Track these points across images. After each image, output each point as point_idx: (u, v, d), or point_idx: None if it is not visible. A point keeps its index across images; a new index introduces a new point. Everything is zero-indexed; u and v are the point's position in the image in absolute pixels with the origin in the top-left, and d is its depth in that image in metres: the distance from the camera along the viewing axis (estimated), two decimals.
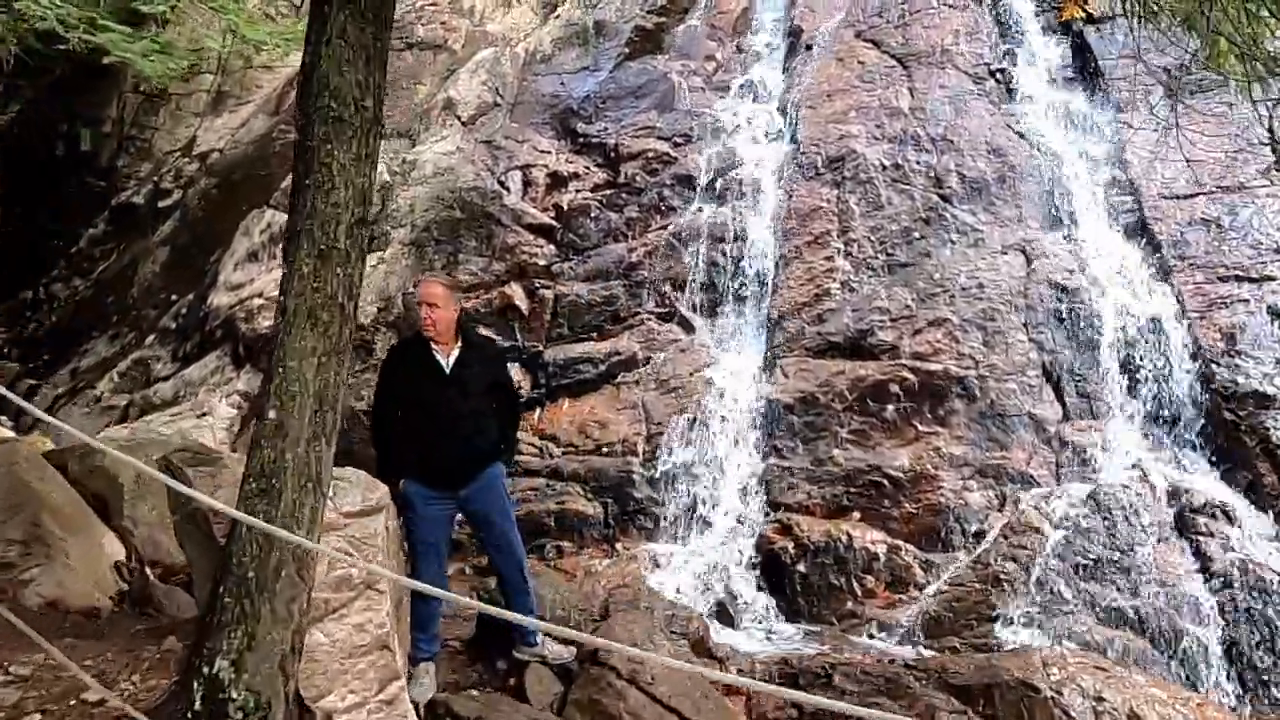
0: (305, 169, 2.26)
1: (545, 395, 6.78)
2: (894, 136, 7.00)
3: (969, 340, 5.78)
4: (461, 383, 3.55)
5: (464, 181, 8.13)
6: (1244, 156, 5.89)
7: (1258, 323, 5.17)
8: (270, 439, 2.08)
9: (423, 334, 3.59)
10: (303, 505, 2.08)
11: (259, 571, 2.01)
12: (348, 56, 2.31)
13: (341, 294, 2.20)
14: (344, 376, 2.20)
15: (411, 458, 3.46)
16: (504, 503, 3.69)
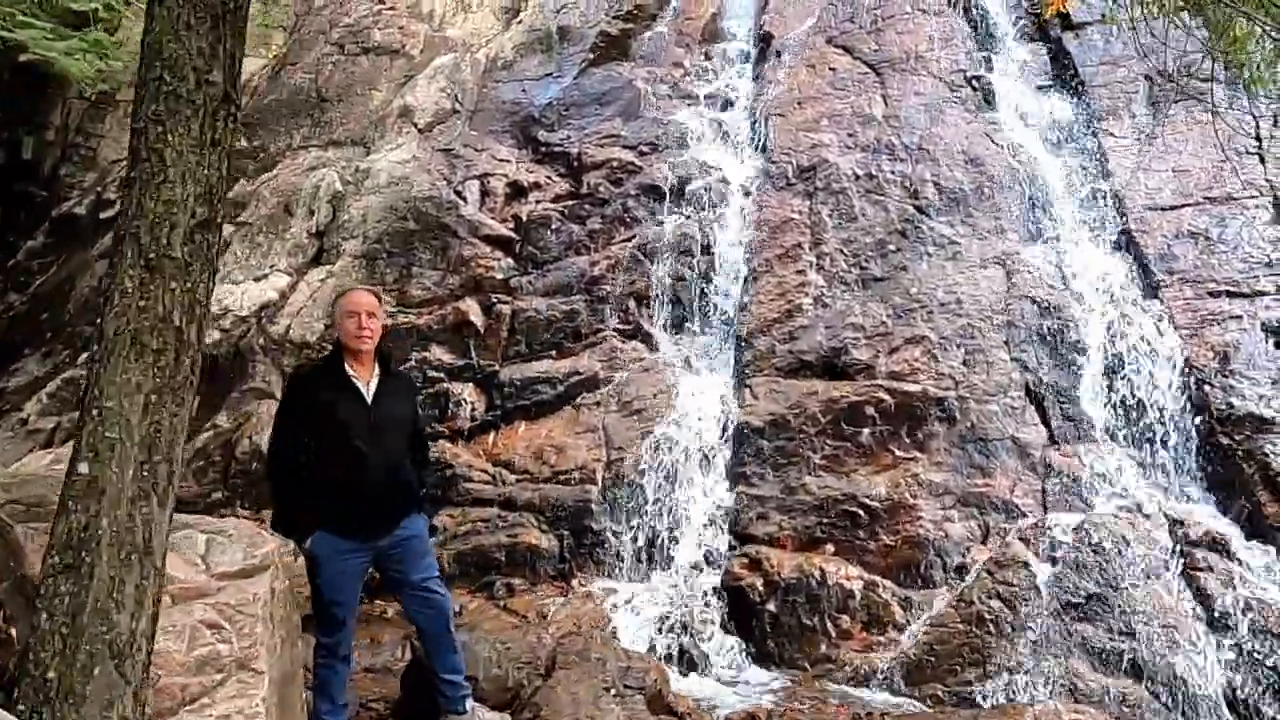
0: (133, 158, 1.84)
1: (501, 418, 6.36)
2: (867, 145, 6.69)
3: (948, 359, 5.45)
4: (385, 415, 3.12)
5: (419, 191, 7.71)
6: (1230, 166, 5.62)
7: (1251, 340, 4.88)
8: (81, 499, 1.65)
9: (335, 359, 3.15)
10: (124, 583, 1.64)
11: (62, 672, 1.58)
12: (187, 19, 1.85)
13: (178, 315, 1.77)
14: (184, 420, 1.78)
15: (326, 504, 3.00)
16: (429, 552, 3.26)
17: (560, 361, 6.54)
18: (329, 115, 8.97)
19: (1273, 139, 5.61)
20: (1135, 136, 6.02)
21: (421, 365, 6.74)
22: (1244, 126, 5.76)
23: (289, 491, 3.07)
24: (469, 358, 6.75)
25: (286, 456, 3.10)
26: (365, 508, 3.03)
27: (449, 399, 6.48)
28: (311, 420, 3.06)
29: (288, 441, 3.08)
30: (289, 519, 2.99)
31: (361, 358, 3.13)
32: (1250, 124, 5.74)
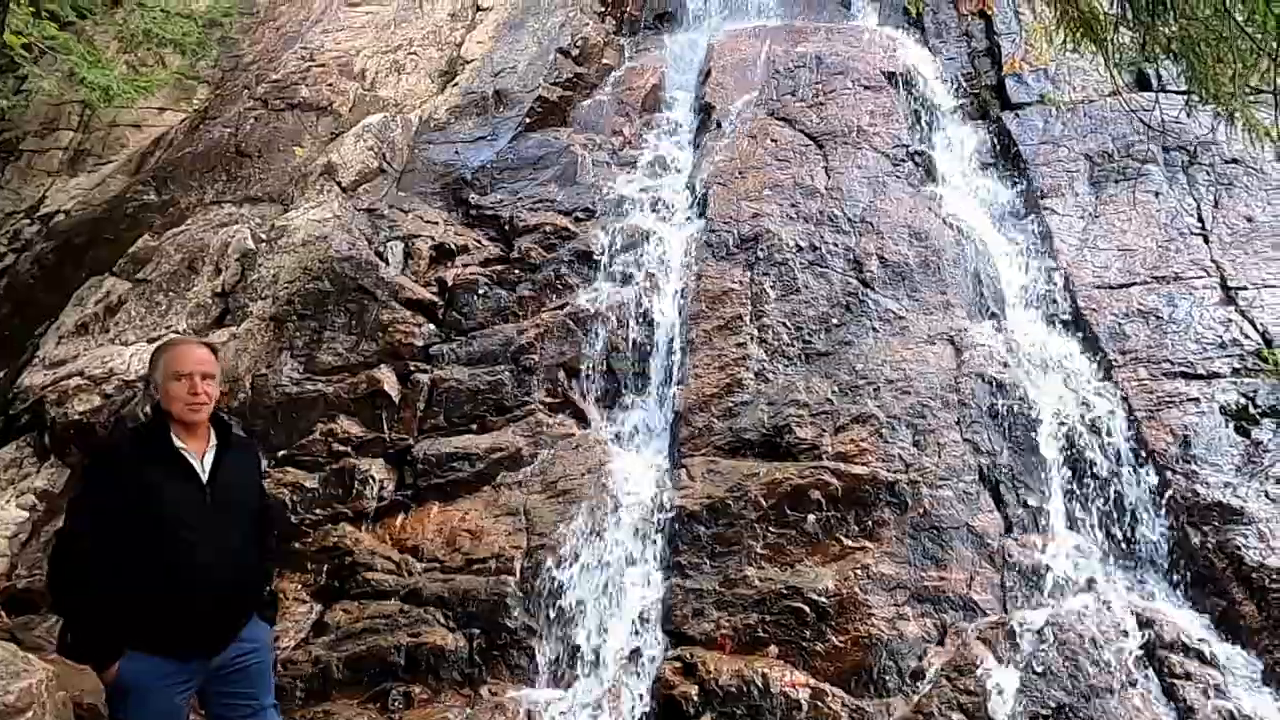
0: None
1: (412, 498, 5.73)
2: (810, 216, 6.47)
3: (897, 439, 5.09)
4: (225, 496, 2.52)
5: (337, 251, 7.19)
6: (1175, 246, 5.53)
7: (1210, 424, 4.65)
8: None
9: (158, 428, 2.55)
10: None
11: None
12: None
13: None
14: None
15: (142, 615, 2.35)
16: (270, 673, 2.63)
17: (481, 436, 5.98)
18: (247, 171, 8.46)
19: (1214, 220, 5.53)
20: (1079, 215, 5.92)
21: (327, 438, 6.11)
22: (1186, 208, 5.70)
23: (90, 602, 2.37)
24: (380, 431, 6.15)
25: (86, 554, 2.41)
26: (197, 617, 2.39)
27: (354, 476, 5.84)
28: (126, 506, 2.41)
29: (87, 532, 2.42)
30: (87, 636, 2.31)
31: (194, 426, 2.54)
32: (1192, 205, 5.68)
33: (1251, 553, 4.09)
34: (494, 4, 9.75)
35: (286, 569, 5.46)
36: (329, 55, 9.41)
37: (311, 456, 6.04)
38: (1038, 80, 6.80)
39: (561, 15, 9.30)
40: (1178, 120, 6.07)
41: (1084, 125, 6.37)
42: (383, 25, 9.80)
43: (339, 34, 9.81)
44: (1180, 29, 2.94)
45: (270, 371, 6.58)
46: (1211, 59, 3.00)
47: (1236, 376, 4.77)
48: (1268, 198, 5.53)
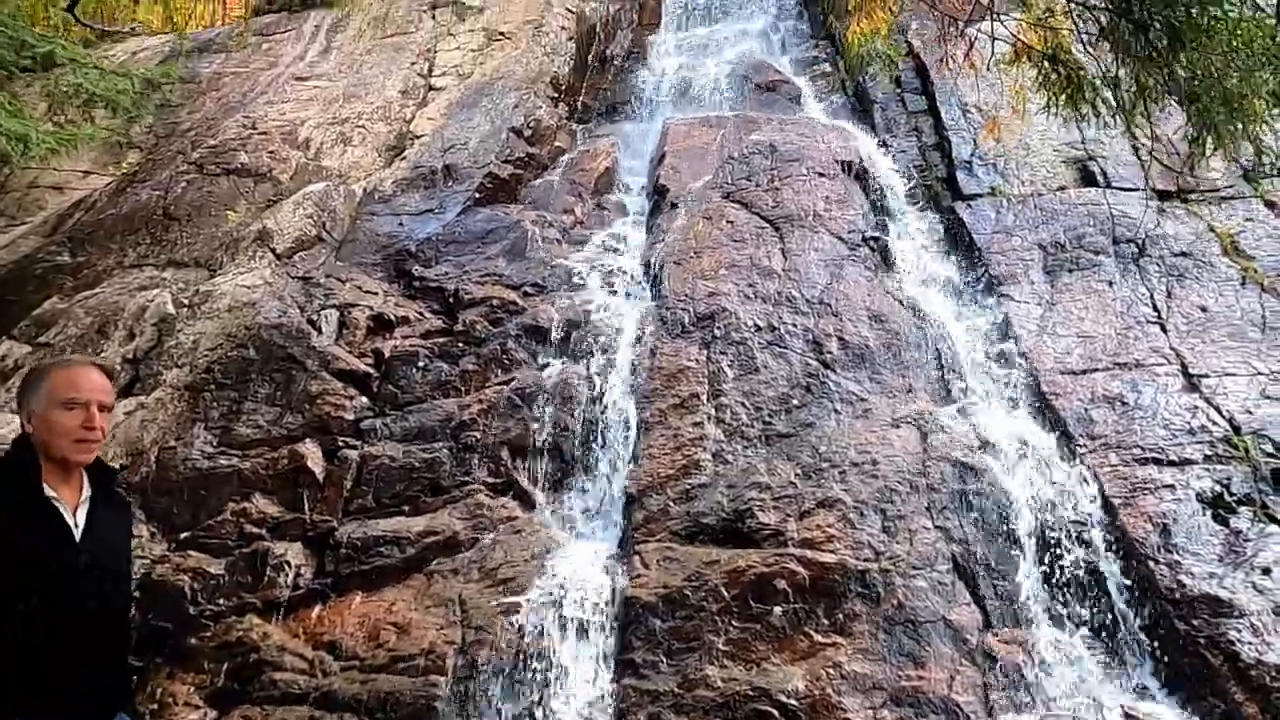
0: None
1: (331, 586, 5.12)
2: (768, 296, 6.31)
3: (866, 525, 4.77)
4: (101, 557, 2.03)
5: (265, 318, 6.71)
6: (1134, 334, 5.51)
7: (1188, 512, 4.47)
8: None
9: (26, 472, 2.06)
10: None
11: None
12: None
13: None
14: None
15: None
16: None
17: (414, 519, 5.45)
18: (174, 234, 7.98)
19: (1169, 310, 5.56)
20: (1036, 302, 5.90)
21: (238, 519, 5.49)
22: (1140, 297, 5.72)
23: None
24: (301, 511, 5.56)
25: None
26: (63, 700, 1.87)
27: (267, 561, 5.21)
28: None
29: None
30: None
31: (71, 471, 2.06)
32: (1145, 295, 5.72)
33: (1247, 648, 3.84)
34: (447, 84, 9.70)
35: (178, 668, 4.76)
36: (272, 124, 9.15)
37: (219, 539, 5.40)
38: (987, 173, 6.93)
39: (515, 97, 9.28)
40: (1125, 214, 6.20)
41: (1035, 217, 6.47)
42: (331, 99, 9.63)
43: (285, 105, 9.59)
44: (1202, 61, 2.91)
45: (180, 444, 5.97)
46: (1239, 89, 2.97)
47: (1209, 463, 4.65)
48: (1219, 289, 5.60)
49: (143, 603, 4.91)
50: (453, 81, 9.70)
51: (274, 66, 10.46)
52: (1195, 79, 2.98)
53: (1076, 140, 6.90)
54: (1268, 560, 4.16)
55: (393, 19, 10.84)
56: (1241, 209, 6.17)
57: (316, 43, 10.72)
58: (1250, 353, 5.22)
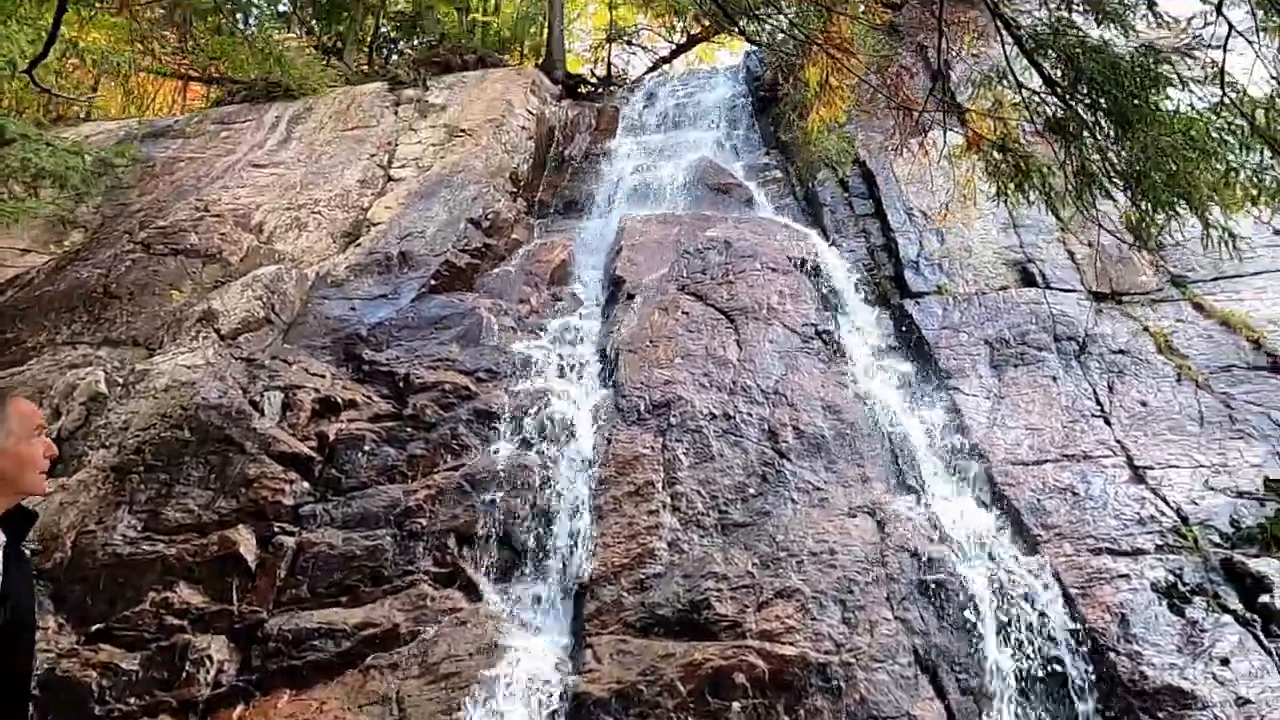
0: None
1: (257, 683, 4.74)
2: (723, 386, 6.32)
3: (826, 616, 4.64)
4: (16, 616, 1.80)
5: (204, 398, 6.46)
6: (1080, 427, 5.63)
7: (1144, 601, 4.46)
8: None
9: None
10: None
11: None
12: None
13: None
14: None
15: None
16: None
17: (351, 610, 5.14)
18: (113, 313, 7.74)
19: (1112, 404, 5.71)
20: (985, 395, 6.02)
21: (158, 609, 5.11)
22: (1083, 392, 5.88)
23: None
24: (228, 602, 5.21)
25: None
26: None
27: (187, 656, 4.82)
28: None
29: None
30: None
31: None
32: (1088, 390, 5.88)
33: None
34: (406, 175, 9.81)
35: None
36: (226, 207, 9.09)
37: (135, 631, 5.00)
38: (933, 272, 7.19)
39: (474, 190, 9.42)
40: (1064, 313, 6.45)
41: (980, 314, 6.68)
42: (288, 185, 9.65)
43: (240, 189, 9.57)
44: (1150, 140, 3.07)
45: (100, 529, 5.60)
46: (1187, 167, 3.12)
47: (1161, 553, 4.68)
48: (1157, 385, 5.80)
49: (42, 700, 4.47)
50: (412, 173, 9.83)
51: (231, 153, 10.48)
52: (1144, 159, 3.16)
53: (1015, 244, 7.24)
54: (1225, 650, 4.15)
55: (356, 113, 11.03)
56: (1172, 311, 6.47)
57: (277, 132, 10.82)
58: (1191, 446, 5.36)
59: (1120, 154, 3.23)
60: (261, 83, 11.68)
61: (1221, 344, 6.10)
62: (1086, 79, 3.03)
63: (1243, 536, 4.74)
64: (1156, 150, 3.01)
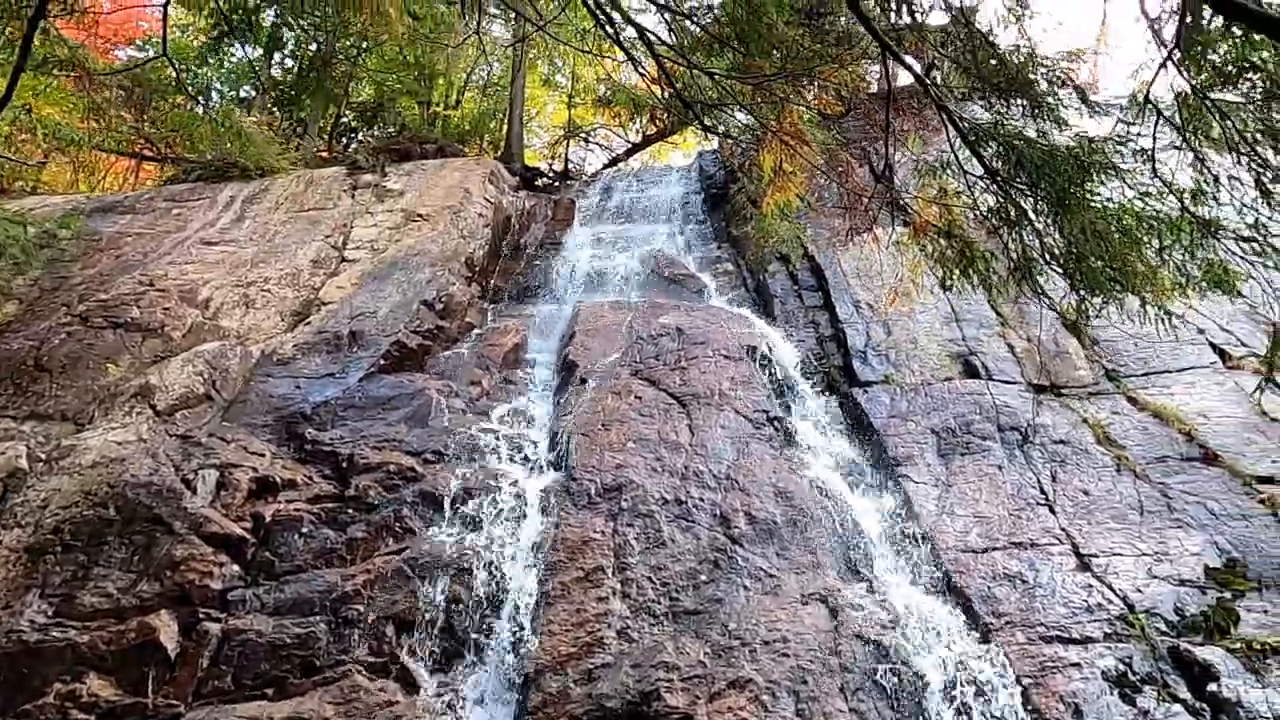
0: None
1: None
2: (675, 470, 6.28)
3: (780, 708, 4.49)
4: None
5: (133, 475, 6.17)
6: (1026, 515, 5.69)
7: (1095, 691, 4.43)
8: None
9: None
10: None
11: None
12: None
13: None
14: None
15: None
16: None
17: (278, 704, 4.81)
18: (42, 386, 7.42)
19: (1055, 493, 5.81)
20: (933, 483, 6.07)
21: (63, 703, 4.72)
22: (1027, 481, 5.98)
23: None
24: (142, 695, 4.84)
25: None
26: None
27: None
28: None
29: None
30: None
31: None
32: (1032, 479, 5.98)
33: None
34: (361, 256, 9.80)
35: None
36: (172, 283, 8.92)
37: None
38: (881, 363, 7.35)
39: (429, 273, 9.43)
40: (1007, 404, 6.62)
41: (926, 403, 6.82)
42: (238, 263, 9.54)
43: (188, 265, 9.42)
44: (1086, 224, 3.22)
45: (6, 614, 5.21)
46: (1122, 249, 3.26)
47: (1110, 641, 4.68)
48: (1098, 475, 5.93)
49: None
50: (366, 255, 9.82)
51: (182, 230, 10.37)
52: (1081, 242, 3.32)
53: (958, 337, 7.47)
54: None
55: (313, 194, 11.07)
56: (1108, 404, 6.70)
57: (231, 210, 10.77)
58: (1133, 534, 5.45)
59: (1057, 239, 3.41)
60: (218, 162, 11.70)
61: (1156, 435, 6.30)
62: (1025, 167, 3.23)
63: (1188, 624, 4.78)
64: (1092, 234, 3.18)
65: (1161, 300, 3.46)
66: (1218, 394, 6.70)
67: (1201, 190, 3.38)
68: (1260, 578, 5.08)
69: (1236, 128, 3.07)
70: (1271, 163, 3.18)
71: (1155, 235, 3.30)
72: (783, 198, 4.15)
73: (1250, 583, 5.05)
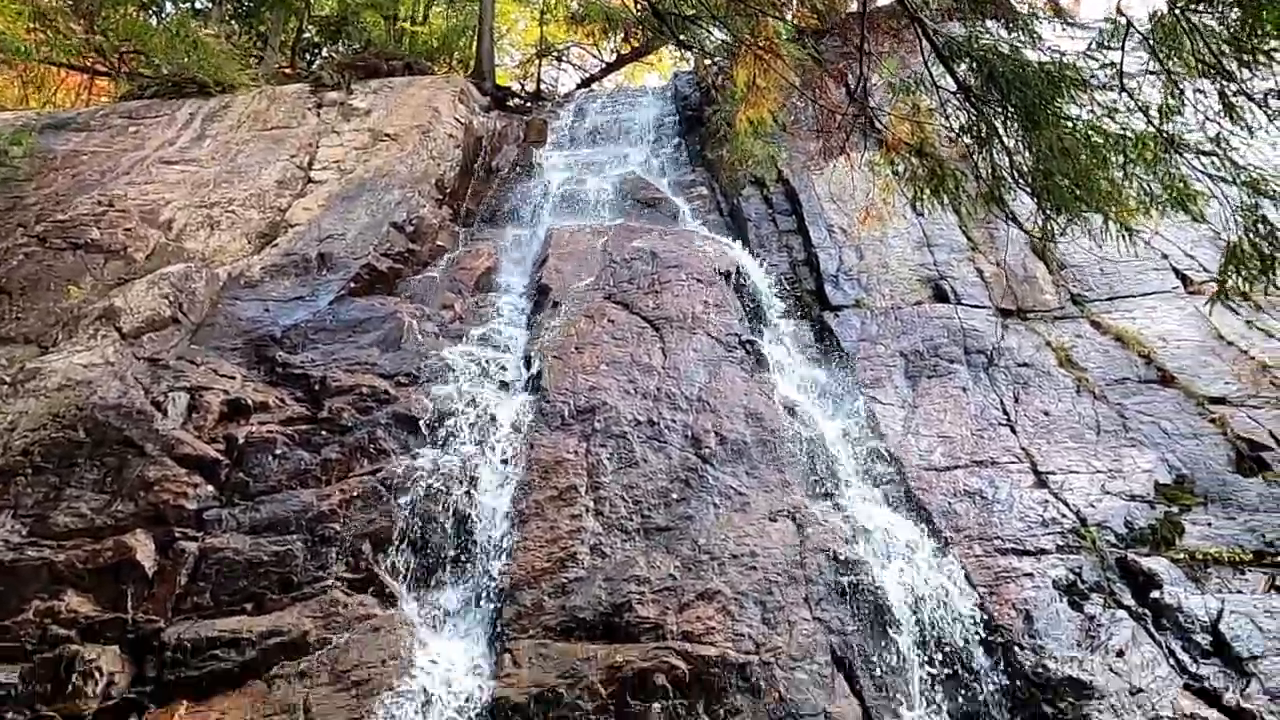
0: None
1: (152, 695, 4.47)
2: (648, 393, 6.35)
3: (746, 617, 4.67)
4: None
5: (101, 398, 6.13)
6: (988, 435, 5.86)
7: (1046, 598, 4.66)
8: None
9: None
10: None
11: None
12: None
13: None
14: None
15: None
16: None
17: (257, 618, 4.91)
18: (1, 308, 7.27)
19: (1017, 414, 5.97)
20: (900, 404, 6.21)
21: (42, 619, 4.78)
22: (991, 402, 6.13)
23: None
24: (121, 610, 4.91)
25: None
26: None
27: (73, 668, 4.51)
28: None
29: None
30: None
31: None
32: (996, 400, 6.13)
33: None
34: (328, 178, 9.57)
35: None
36: (132, 203, 8.68)
37: (16, 642, 4.67)
38: (853, 287, 7.41)
39: (398, 194, 9.25)
40: (974, 328, 6.73)
41: (896, 327, 6.91)
42: (200, 183, 9.28)
43: (148, 186, 9.16)
44: (1054, 140, 3.24)
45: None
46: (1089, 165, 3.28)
47: (1062, 553, 4.89)
48: (1059, 396, 6.10)
49: None
50: (334, 175, 9.60)
51: (140, 149, 10.04)
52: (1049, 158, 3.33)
53: (929, 262, 7.53)
54: (1120, 643, 4.35)
55: (276, 112, 10.72)
56: (1072, 328, 6.83)
57: (190, 129, 10.42)
58: (1089, 453, 5.65)
59: (1026, 157, 3.42)
60: (175, 77, 11.25)
61: (1116, 358, 6.46)
62: (998, 83, 3.21)
63: (1136, 537, 5.01)
64: (1060, 151, 3.19)
65: (1125, 219, 3.51)
66: (1178, 318, 6.85)
67: (1168, 106, 3.39)
68: (1206, 493, 5.30)
69: (1207, 42, 3.06)
70: (1237, 77, 3.20)
71: (1121, 152, 3.32)
72: (756, 114, 4.10)
73: (1197, 498, 5.27)
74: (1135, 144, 3.32)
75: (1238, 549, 4.88)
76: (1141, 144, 3.35)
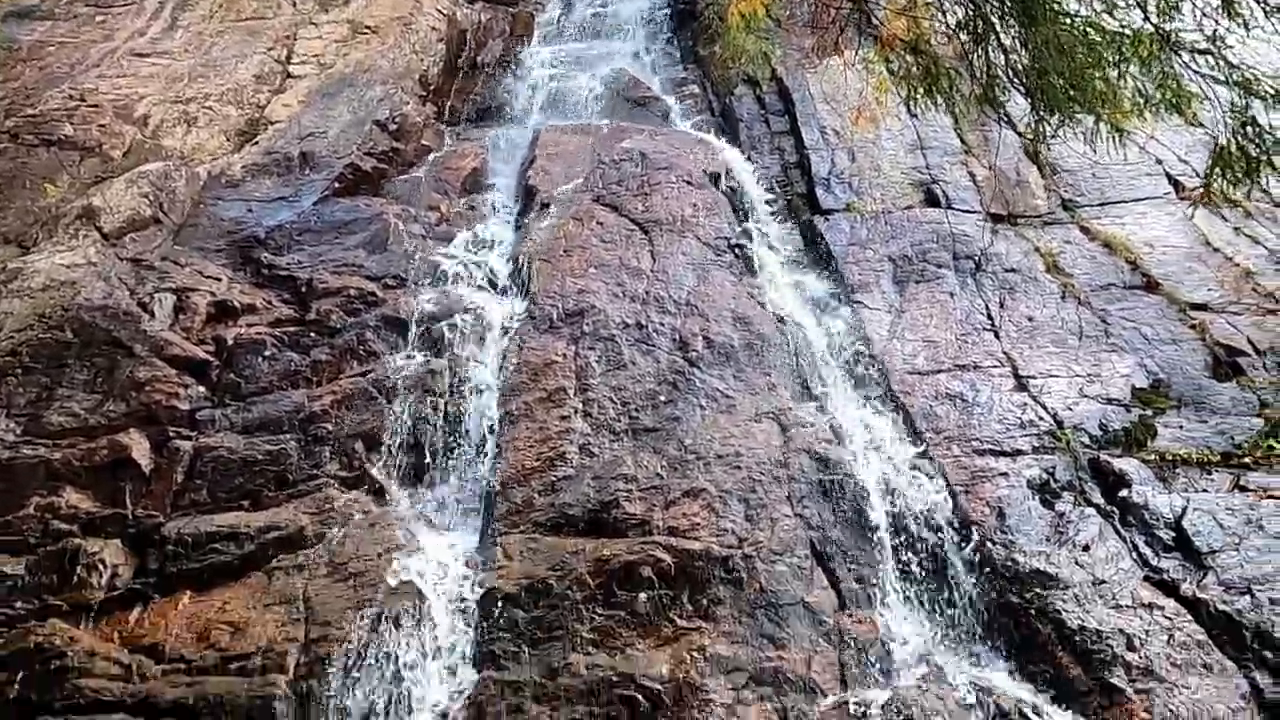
0: None
1: (155, 586, 4.64)
2: (636, 296, 6.35)
3: (730, 513, 4.83)
4: None
5: (86, 299, 6.10)
6: (972, 340, 5.94)
7: (1019, 497, 4.83)
8: None
9: None
10: None
11: None
12: None
13: None
14: None
15: None
16: None
17: (255, 514, 5.05)
18: None
19: (1002, 319, 6.03)
20: (886, 309, 6.25)
21: (44, 514, 4.91)
22: (977, 307, 6.18)
23: None
24: (120, 506, 5.04)
25: None
26: None
27: (77, 560, 4.66)
28: None
29: None
30: None
31: None
32: (982, 306, 6.18)
33: (1071, 617, 4.16)
34: (307, 72, 9.25)
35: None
36: (105, 97, 8.39)
37: (20, 536, 4.80)
38: (844, 191, 7.33)
39: (381, 91, 8.98)
40: (964, 233, 6.72)
41: (886, 232, 6.89)
42: (174, 77, 8.96)
43: (120, 79, 8.83)
44: (1051, 36, 3.18)
45: None
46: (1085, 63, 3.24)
47: (1037, 454, 5.04)
48: (1044, 301, 6.15)
49: None
50: (313, 70, 9.27)
51: (109, 39, 9.62)
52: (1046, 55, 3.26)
53: (922, 165, 7.43)
54: (1087, 538, 4.55)
55: (248, 2, 10.26)
56: (1061, 233, 6.82)
57: (160, 19, 9.97)
58: (1070, 358, 5.74)
59: (1022, 56, 3.34)
60: None
61: (1103, 264, 6.49)
62: None
63: (1109, 439, 5.16)
64: (1056, 48, 3.12)
65: (1117, 120, 3.46)
66: (1167, 224, 6.85)
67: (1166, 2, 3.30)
68: (1181, 397, 5.43)
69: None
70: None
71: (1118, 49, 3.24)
72: (749, 7, 3.96)
73: (1171, 401, 5.41)
74: (1132, 42, 3.24)
75: (1206, 450, 5.03)
76: (1138, 41, 3.27)
